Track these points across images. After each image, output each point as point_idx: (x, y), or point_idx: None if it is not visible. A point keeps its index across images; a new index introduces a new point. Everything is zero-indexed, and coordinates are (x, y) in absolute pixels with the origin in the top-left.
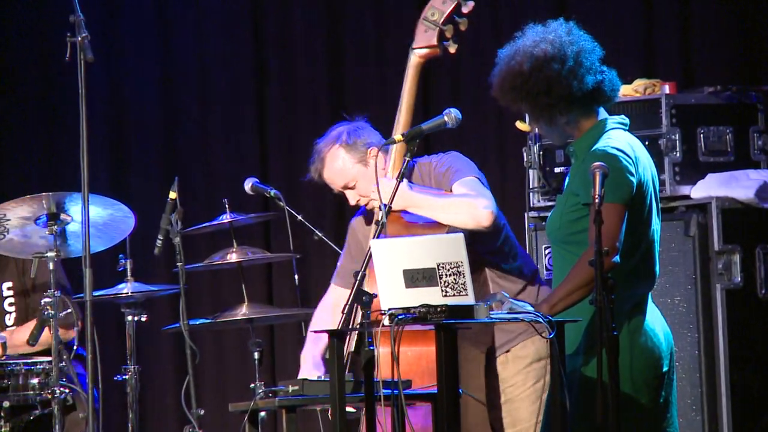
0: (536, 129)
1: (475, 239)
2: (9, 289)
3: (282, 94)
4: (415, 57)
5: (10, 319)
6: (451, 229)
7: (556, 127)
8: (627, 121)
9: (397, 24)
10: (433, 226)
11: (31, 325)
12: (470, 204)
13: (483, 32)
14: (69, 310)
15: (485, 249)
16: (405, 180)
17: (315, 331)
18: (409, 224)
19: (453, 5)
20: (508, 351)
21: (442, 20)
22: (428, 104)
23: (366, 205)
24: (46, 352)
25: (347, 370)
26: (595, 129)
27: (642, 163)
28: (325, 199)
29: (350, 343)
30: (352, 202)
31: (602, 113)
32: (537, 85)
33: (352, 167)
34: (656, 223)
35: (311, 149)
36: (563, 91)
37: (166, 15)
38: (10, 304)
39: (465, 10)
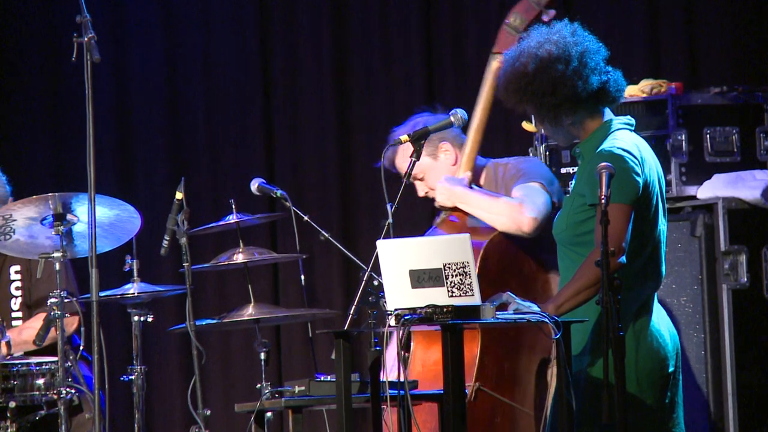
0: (542, 130)
1: (533, 241)
2: (17, 272)
3: (288, 95)
4: (495, 61)
5: (15, 304)
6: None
7: (562, 128)
8: (633, 121)
9: (402, 25)
10: (486, 230)
11: (35, 322)
12: (514, 207)
13: (490, 31)
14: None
15: (542, 250)
16: (464, 179)
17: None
18: (464, 227)
19: (536, 13)
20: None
21: (523, 27)
22: (434, 102)
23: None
24: (51, 350)
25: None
26: (601, 130)
27: (648, 164)
28: (331, 199)
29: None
30: (421, 193)
31: (608, 114)
32: (542, 86)
33: (422, 159)
34: (662, 224)
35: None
36: (568, 91)
37: (172, 15)
38: (17, 288)
39: (546, 18)
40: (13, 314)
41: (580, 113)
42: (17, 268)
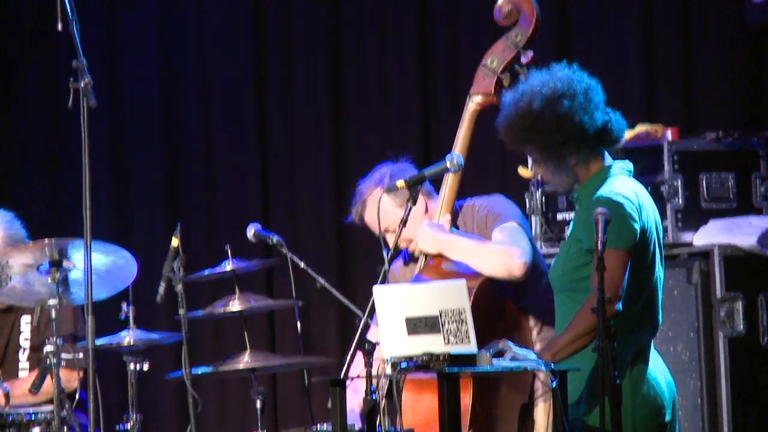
0: (539, 175)
1: (514, 286)
2: (27, 323)
3: (283, 140)
4: (473, 104)
5: (23, 354)
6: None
7: (565, 168)
8: (631, 167)
9: (397, 45)
10: (472, 276)
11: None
12: (503, 252)
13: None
14: (72, 356)
15: (523, 297)
16: (444, 224)
17: (322, 380)
18: (448, 272)
19: (513, 54)
20: (546, 400)
21: (500, 68)
22: (429, 148)
23: (407, 248)
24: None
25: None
26: (599, 175)
27: (646, 210)
28: (327, 246)
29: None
30: (391, 245)
31: (607, 158)
32: (548, 123)
33: (392, 211)
34: (659, 271)
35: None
36: (574, 127)
37: (169, 60)
38: (26, 339)
39: (524, 59)
40: (20, 365)
41: (584, 152)
42: (27, 319)
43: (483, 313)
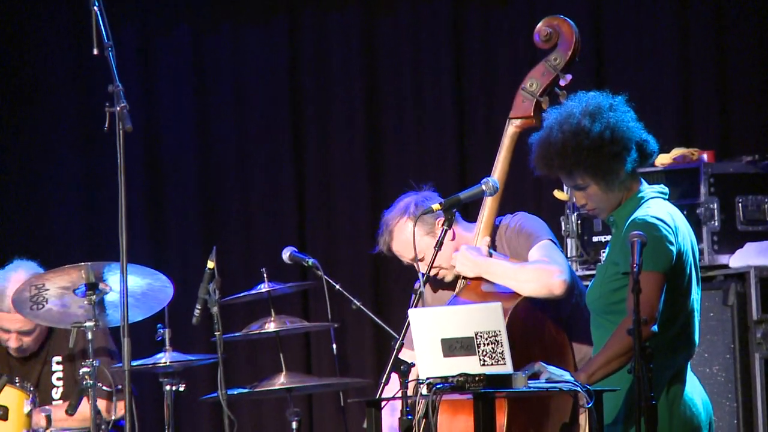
0: (575, 198)
1: (555, 305)
2: (58, 363)
3: (320, 163)
4: (512, 127)
5: (56, 393)
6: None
7: (616, 182)
8: (667, 190)
9: (434, 71)
10: (509, 296)
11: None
12: (543, 271)
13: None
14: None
15: (562, 316)
16: (483, 247)
17: (358, 401)
18: (487, 293)
19: (552, 77)
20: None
21: (539, 91)
22: (465, 170)
23: (437, 275)
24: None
25: None
26: (635, 198)
27: (682, 233)
28: (363, 268)
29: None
30: (423, 271)
31: (643, 183)
32: (602, 135)
33: (420, 239)
34: (696, 293)
35: (349, 218)
36: (625, 135)
37: (204, 84)
38: (59, 379)
39: (563, 83)
40: (54, 403)
41: (631, 164)
42: (59, 359)
43: (521, 334)
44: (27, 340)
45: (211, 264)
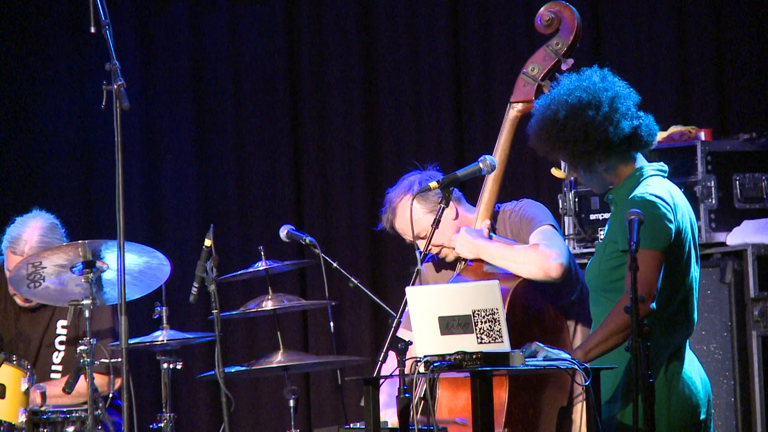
0: (572, 176)
1: (555, 290)
2: (63, 327)
3: (317, 142)
4: (513, 111)
5: (57, 357)
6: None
7: (596, 174)
8: (666, 168)
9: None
10: (509, 277)
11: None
12: (540, 254)
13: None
14: (105, 361)
15: (561, 299)
16: (483, 229)
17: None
18: (488, 274)
19: (553, 62)
20: (584, 400)
21: (541, 76)
22: (463, 152)
23: (438, 253)
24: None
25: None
26: (634, 176)
27: (681, 210)
28: (360, 246)
29: (419, 389)
30: (423, 249)
31: (640, 160)
32: (573, 133)
33: (423, 217)
34: (695, 271)
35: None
36: (600, 137)
37: (201, 62)
38: (61, 343)
39: (564, 67)
40: (53, 367)
41: (613, 159)
42: (64, 323)
43: (520, 315)
44: None
45: (208, 242)
